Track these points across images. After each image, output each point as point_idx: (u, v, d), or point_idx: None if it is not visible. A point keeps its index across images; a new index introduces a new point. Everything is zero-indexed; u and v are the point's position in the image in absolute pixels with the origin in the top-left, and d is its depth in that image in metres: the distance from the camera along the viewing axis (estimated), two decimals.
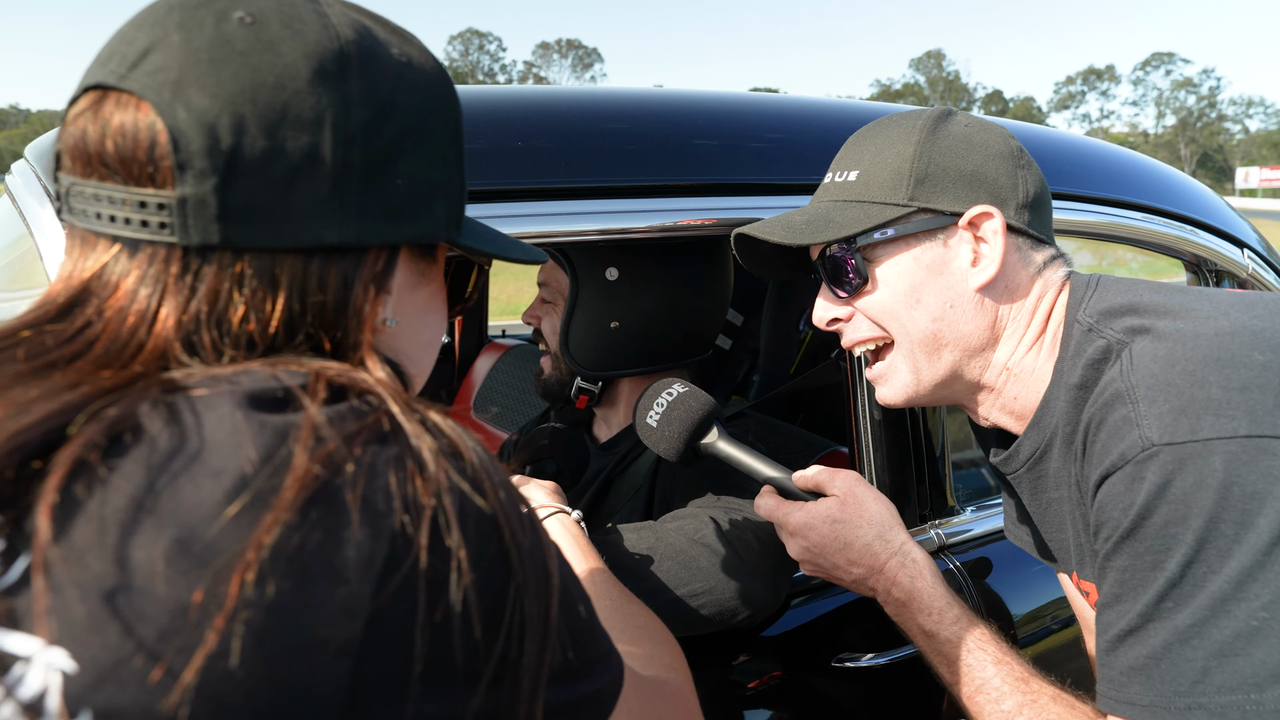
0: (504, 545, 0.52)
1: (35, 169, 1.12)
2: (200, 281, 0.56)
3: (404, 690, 0.47)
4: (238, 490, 0.45)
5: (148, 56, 0.56)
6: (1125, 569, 0.85)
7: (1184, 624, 0.80)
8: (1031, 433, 1.03)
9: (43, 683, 0.40)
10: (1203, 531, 0.79)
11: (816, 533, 1.10)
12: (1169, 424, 0.82)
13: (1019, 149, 1.06)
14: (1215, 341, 0.85)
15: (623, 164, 1.28)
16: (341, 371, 0.55)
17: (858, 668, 1.36)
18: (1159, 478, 0.81)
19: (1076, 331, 0.99)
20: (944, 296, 1.04)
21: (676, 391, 1.21)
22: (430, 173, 0.65)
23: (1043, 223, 1.06)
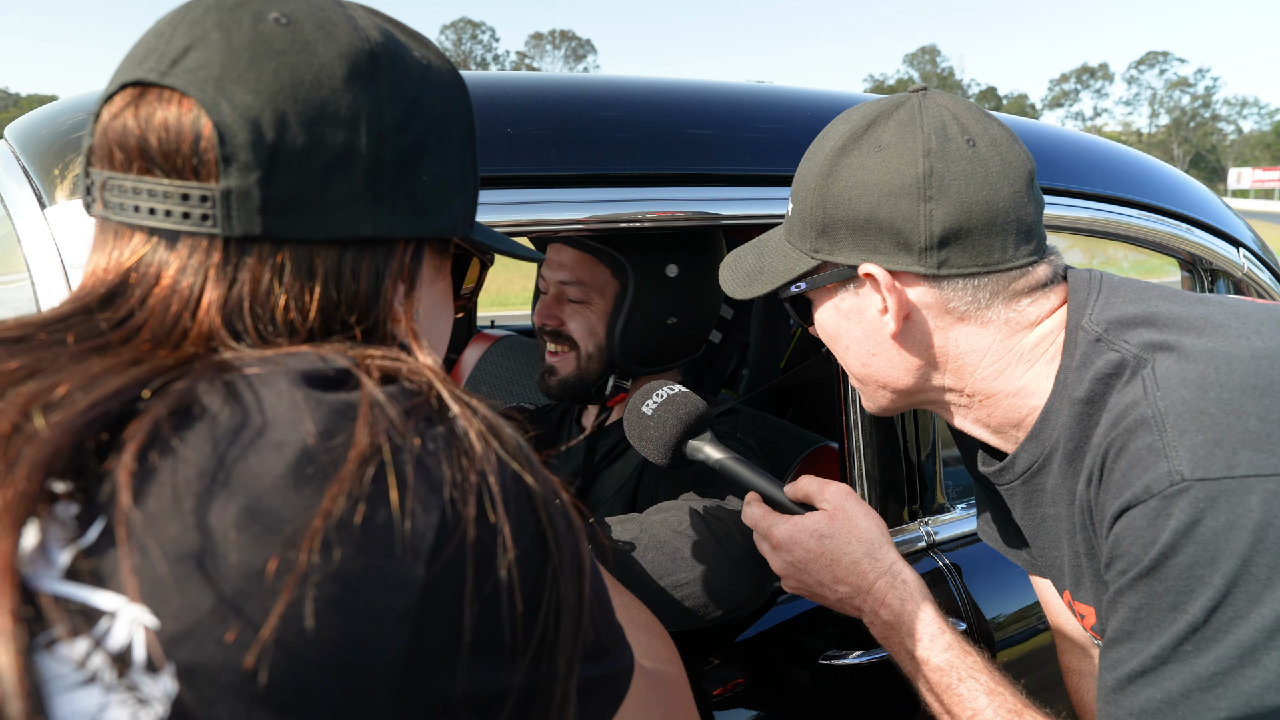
0: (541, 527, 0.55)
1: (15, 150, 1.10)
2: (241, 271, 0.58)
3: (454, 660, 0.49)
4: (300, 463, 0.48)
5: (188, 54, 0.58)
6: (1140, 607, 0.79)
7: (1206, 671, 0.75)
8: (1029, 445, 0.97)
9: (128, 636, 0.43)
10: (1233, 575, 0.73)
11: (801, 547, 1.08)
12: (1202, 457, 0.76)
13: (926, 175, 0.92)
14: (1252, 366, 0.79)
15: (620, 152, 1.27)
16: (388, 355, 0.58)
17: (845, 665, 1.35)
18: (1188, 515, 0.75)
19: (1082, 340, 0.91)
20: (865, 344, 1.02)
21: (676, 388, 1.20)
22: (450, 170, 0.67)
23: (976, 251, 0.93)
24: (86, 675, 0.42)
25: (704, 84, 1.52)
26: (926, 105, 0.96)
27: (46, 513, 0.45)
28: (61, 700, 0.42)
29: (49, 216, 0.96)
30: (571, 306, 1.53)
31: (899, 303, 0.96)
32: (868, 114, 0.98)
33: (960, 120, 0.95)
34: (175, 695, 0.43)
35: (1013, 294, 0.95)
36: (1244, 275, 2.04)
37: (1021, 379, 0.96)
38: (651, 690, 0.74)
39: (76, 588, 0.44)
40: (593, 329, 1.51)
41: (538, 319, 1.56)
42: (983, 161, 0.93)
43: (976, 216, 0.92)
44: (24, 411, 0.47)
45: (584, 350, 1.52)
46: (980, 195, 0.92)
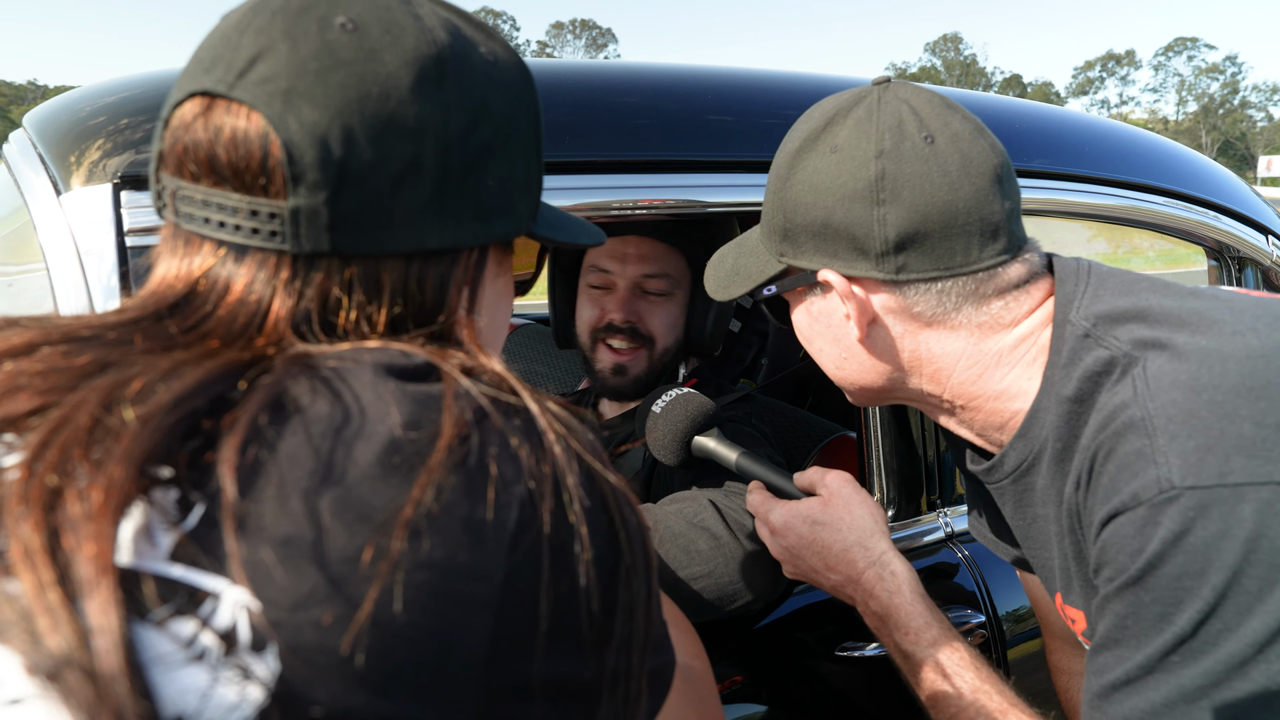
0: (614, 526, 0.55)
1: (32, 138, 1.10)
2: (309, 286, 0.59)
3: (532, 648, 0.50)
4: (388, 453, 0.49)
5: (255, 66, 0.58)
6: (1127, 615, 0.77)
7: (1192, 683, 0.72)
8: (1018, 444, 0.93)
9: (233, 617, 0.44)
10: (1223, 587, 0.70)
11: (795, 533, 1.08)
12: (1193, 464, 0.73)
13: (878, 178, 0.88)
14: (1247, 366, 0.75)
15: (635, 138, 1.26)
16: (461, 353, 0.58)
17: (862, 657, 1.35)
18: (1176, 524, 0.72)
19: (1070, 335, 0.87)
20: (835, 348, 1.00)
21: (683, 390, 1.23)
22: (515, 171, 0.67)
23: (936, 254, 0.89)
24: (194, 654, 0.44)
25: (719, 69, 1.51)
26: (885, 100, 0.92)
27: (147, 498, 0.46)
28: (170, 677, 0.43)
29: (64, 203, 0.97)
30: (651, 301, 1.50)
31: (860, 309, 0.94)
32: (827, 112, 0.95)
33: (920, 115, 0.91)
34: (279, 674, 0.44)
35: (982, 296, 0.91)
36: (1273, 263, 2.00)
37: (1002, 382, 0.93)
38: (685, 683, 0.74)
39: (182, 569, 0.45)
40: (674, 323, 1.49)
41: (620, 316, 1.50)
42: (941, 160, 0.89)
43: (934, 219, 0.88)
44: (104, 404, 0.48)
45: (660, 346, 1.50)
46: (937, 196, 0.88)
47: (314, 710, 0.44)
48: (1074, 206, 1.65)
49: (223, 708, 0.43)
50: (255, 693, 0.44)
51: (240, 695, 0.43)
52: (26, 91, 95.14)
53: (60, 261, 0.94)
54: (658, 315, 1.49)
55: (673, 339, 1.49)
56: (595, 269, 1.54)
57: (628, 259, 1.50)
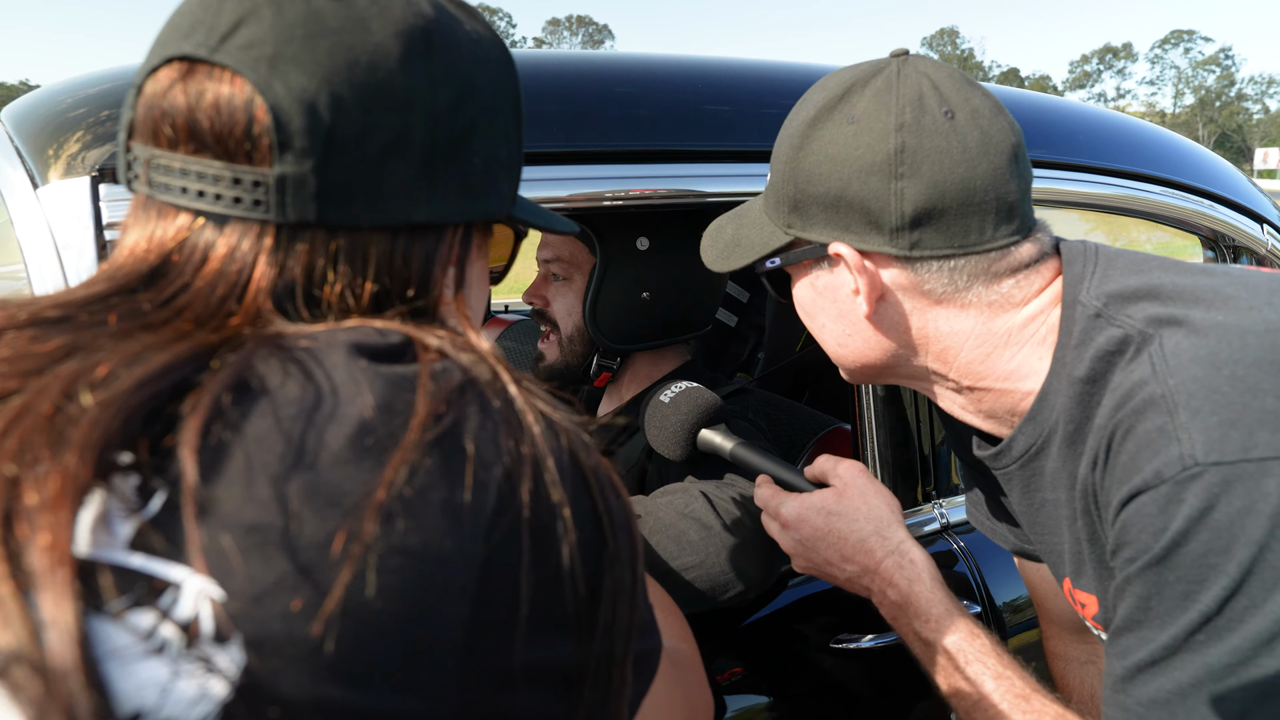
0: (597, 511, 0.54)
1: (9, 131, 1.09)
2: (293, 258, 0.57)
3: (513, 632, 0.49)
4: (360, 435, 0.47)
5: (238, 30, 0.56)
6: (1150, 595, 0.75)
7: (1219, 661, 0.71)
8: (1027, 427, 0.91)
9: (195, 607, 0.43)
10: (1248, 563, 0.69)
11: (809, 525, 1.06)
12: (1216, 439, 0.71)
13: (898, 151, 0.87)
14: (1267, 340, 0.74)
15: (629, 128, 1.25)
16: (442, 332, 0.57)
17: (858, 649, 1.34)
18: (1201, 501, 0.71)
19: (1080, 316, 0.86)
20: (839, 324, 0.98)
21: (686, 385, 1.24)
22: (499, 149, 0.66)
23: (951, 232, 0.88)
24: (153, 646, 0.42)
25: (714, 60, 1.50)
26: (905, 73, 0.90)
27: (106, 486, 0.44)
28: (127, 672, 0.42)
29: (41, 197, 0.95)
30: (555, 285, 1.54)
31: (870, 284, 0.91)
32: (844, 81, 0.93)
33: (940, 90, 0.89)
34: (244, 665, 0.43)
35: (993, 275, 0.90)
36: (1268, 252, 2.00)
37: (1011, 362, 0.92)
38: (672, 667, 0.73)
39: (141, 558, 0.44)
40: (570, 309, 1.51)
41: (525, 297, 1.58)
42: (961, 136, 0.87)
43: (951, 196, 0.87)
44: (66, 392, 0.46)
45: (564, 332, 1.52)
46: (956, 173, 0.86)
47: (281, 702, 0.43)
48: (1071, 196, 1.64)
49: (184, 702, 0.42)
50: (218, 686, 0.42)
51: (202, 689, 0.42)
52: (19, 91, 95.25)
53: (38, 256, 0.92)
54: (558, 300, 1.53)
55: (572, 324, 1.51)
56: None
57: (540, 245, 1.56)
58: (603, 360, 1.53)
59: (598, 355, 1.53)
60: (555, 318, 1.53)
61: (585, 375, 1.55)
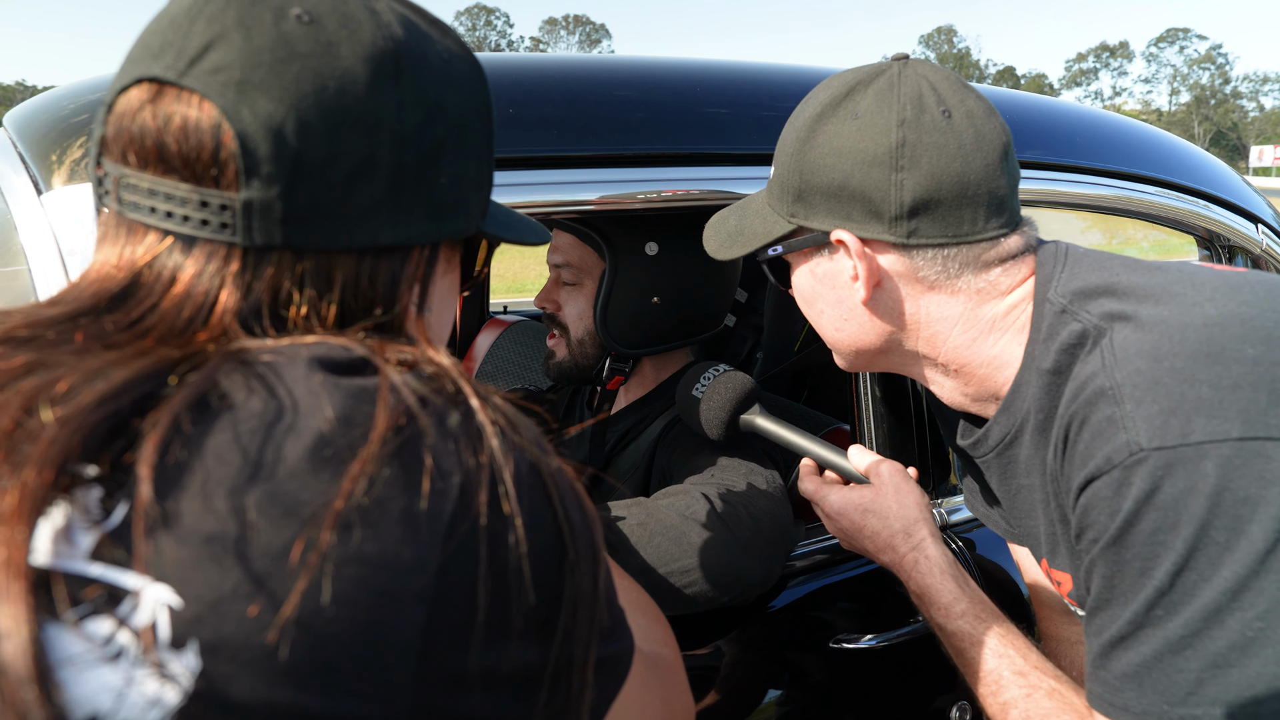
0: (558, 520, 0.55)
1: (12, 137, 1.09)
2: (259, 280, 0.57)
3: (469, 639, 0.50)
4: (319, 446, 0.48)
5: (207, 54, 0.56)
6: (1112, 575, 0.82)
7: (1176, 634, 0.77)
8: (1001, 417, 0.99)
9: (152, 614, 0.44)
10: (1193, 539, 0.76)
11: (847, 519, 1.17)
12: (1158, 426, 0.78)
13: (899, 145, 0.94)
14: (1204, 334, 0.81)
15: (623, 132, 1.26)
16: (403, 346, 0.58)
17: (856, 649, 1.34)
18: (1147, 484, 0.78)
19: (1048, 312, 0.93)
20: (838, 310, 1.05)
21: (722, 369, 1.30)
22: (468, 168, 0.67)
23: (946, 222, 0.95)
24: (109, 653, 0.43)
25: (712, 63, 1.50)
26: (906, 75, 0.98)
27: (69, 498, 0.45)
28: (83, 678, 0.43)
29: (45, 202, 0.96)
30: (566, 290, 1.54)
31: (869, 269, 0.98)
32: (848, 81, 1.00)
33: (938, 91, 0.96)
34: (199, 671, 0.44)
35: (983, 264, 0.97)
36: (1262, 252, 2.00)
37: (994, 348, 0.99)
38: (649, 672, 0.74)
39: (101, 568, 0.45)
40: (581, 313, 1.52)
41: (536, 301, 1.58)
42: (957, 133, 0.95)
43: (947, 188, 0.94)
44: (26, 408, 0.47)
45: (574, 335, 1.53)
46: (952, 167, 0.94)
47: (235, 706, 0.44)
48: (1067, 197, 1.65)
49: (139, 706, 0.43)
50: (173, 691, 0.43)
51: (157, 693, 0.43)
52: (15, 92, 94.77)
53: (42, 261, 0.93)
54: (568, 304, 1.54)
55: (583, 328, 1.52)
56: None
57: (551, 249, 1.56)
58: (615, 363, 1.54)
59: (609, 358, 1.53)
60: (566, 322, 1.54)
61: (597, 377, 1.56)
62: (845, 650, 1.34)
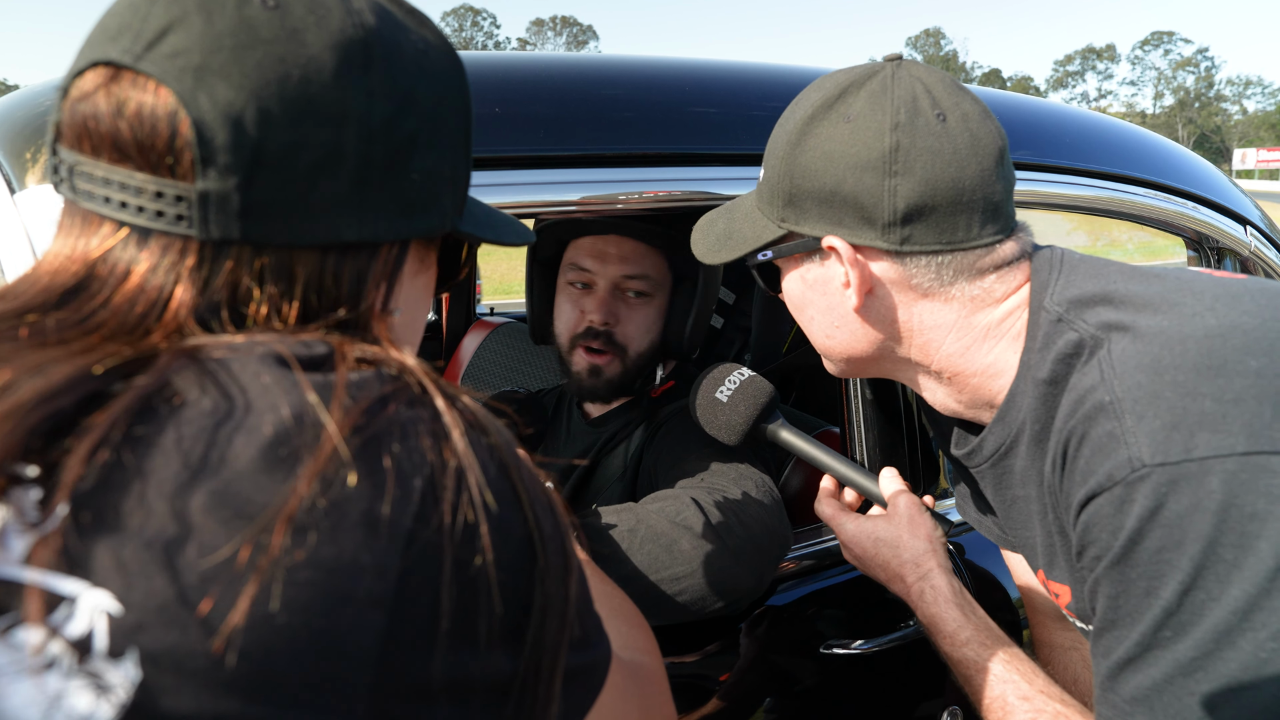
0: (527, 527, 0.53)
1: None
2: (216, 275, 0.55)
3: (432, 647, 0.48)
4: (273, 445, 0.46)
5: (165, 37, 0.54)
6: (1118, 595, 0.80)
7: (1186, 656, 0.75)
8: (997, 427, 0.97)
9: (89, 622, 0.42)
10: (1200, 558, 0.73)
11: (860, 546, 1.17)
12: (1160, 442, 0.75)
13: (891, 150, 0.91)
14: (1205, 345, 0.78)
15: (605, 131, 1.24)
16: (366, 345, 0.56)
17: (847, 654, 1.33)
18: (1151, 500, 0.75)
19: (1044, 321, 0.91)
20: (828, 316, 1.02)
21: (747, 373, 1.27)
22: (441, 164, 0.64)
23: (940, 228, 0.92)
24: (40, 663, 0.41)
25: (700, 62, 1.49)
26: (899, 76, 0.95)
27: (5, 499, 0.43)
28: (11, 690, 0.41)
29: (18, 201, 0.94)
30: (631, 302, 1.47)
31: (861, 276, 0.95)
32: (840, 83, 0.96)
33: (932, 93, 0.94)
34: (138, 682, 0.42)
35: (977, 271, 0.95)
36: (1251, 253, 2.01)
37: (988, 356, 0.97)
38: (628, 681, 0.72)
39: (35, 573, 0.42)
40: (649, 327, 1.46)
41: (598, 318, 1.46)
42: (952, 138, 0.92)
43: (942, 194, 0.91)
44: None
45: (634, 350, 1.47)
46: (947, 172, 0.91)
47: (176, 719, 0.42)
48: (1055, 198, 1.64)
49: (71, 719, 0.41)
50: (109, 704, 0.41)
51: (91, 707, 0.41)
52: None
53: (15, 260, 0.91)
54: (635, 318, 1.46)
55: (647, 343, 1.47)
56: (575, 267, 1.50)
57: (608, 259, 1.47)
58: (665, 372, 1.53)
59: (661, 367, 1.51)
60: (624, 340, 1.46)
61: (644, 385, 1.52)
62: (837, 656, 1.33)
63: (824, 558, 1.40)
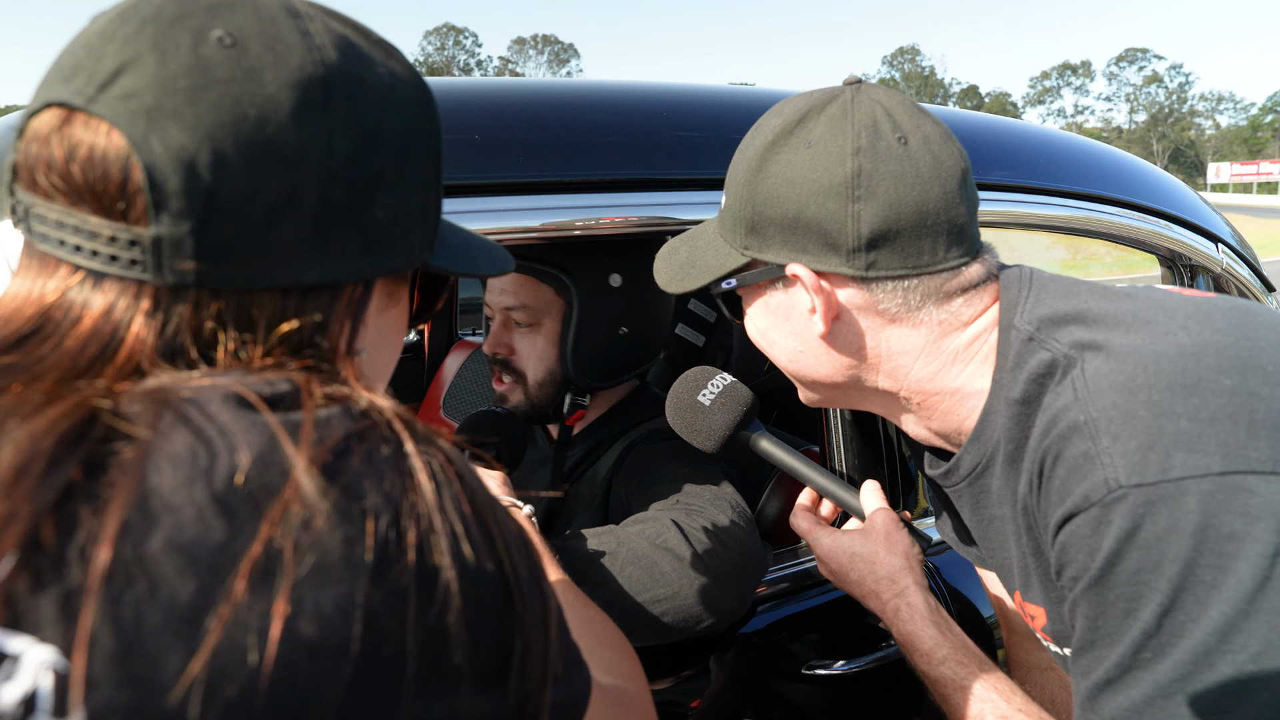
0: (502, 571, 0.52)
1: None
2: (172, 320, 0.54)
3: (399, 691, 0.47)
4: (232, 489, 0.45)
5: (118, 79, 0.52)
6: (1096, 616, 0.79)
7: (1165, 677, 0.74)
8: (972, 447, 0.96)
9: (33, 682, 0.40)
10: (1178, 579, 0.73)
11: (835, 562, 1.15)
12: (1136, 462, 0.75)
13: (854, 175, 0.90)
14: (1179, 364, 0.78)
15: (590, 157, 1.25)
16: (334, 383, 0.54)
17: (829, 675, 1.33)
18: (1128, 522, 0.74)
19: (1015, 340, 0.90)
20: (792, 342, 1.01)
21: (729, 379, 1.23)
22: (409, 200, 0.63)
23: (905, 253, 0.91)
24: None
25: (656, 86, 1.50)
26: (859, 100, 0.94)
27: None
28: None
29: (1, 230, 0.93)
30: (519, 332, 1.48)
31: (826, 303, 0.94)
32: (799, 107, 0.95)
33: (893, 116, 0.93)
34: None
35: (944, 295, 0.94)
36: (1223, 270, 2.04)
37: (957, 379, 0.96)
38: (611, 709, 0.71)
39: None
40: (541, 355, 1.46)
41: (488, 348, 1.50)
42: (914, 161, 0.91)
43: (906, 218, 0.90)
44: None
45: (533, 378, 1.47)
46: (910, 196, 0.90)
47: None
48: (1031, 219, 1.66)
49: None
50: None
51: None
52: None
53: None
54: (524, 347, 1.47)
55: (544, 370, 1.47)
56: (484, 301, 1.54)
57: (495, 290, 1.49)
58: (576, 398, 1.50)
59: (571, 394, 1.50)
60: (522, 367, 1.48)
61: (555, 414, 1.52)
62: (819, 676, 1.33)
63: (806, 578, 1.40)
